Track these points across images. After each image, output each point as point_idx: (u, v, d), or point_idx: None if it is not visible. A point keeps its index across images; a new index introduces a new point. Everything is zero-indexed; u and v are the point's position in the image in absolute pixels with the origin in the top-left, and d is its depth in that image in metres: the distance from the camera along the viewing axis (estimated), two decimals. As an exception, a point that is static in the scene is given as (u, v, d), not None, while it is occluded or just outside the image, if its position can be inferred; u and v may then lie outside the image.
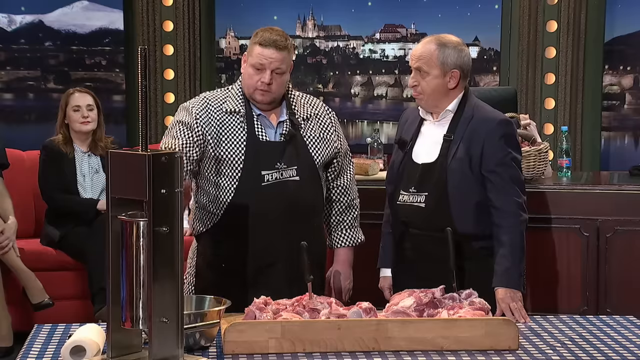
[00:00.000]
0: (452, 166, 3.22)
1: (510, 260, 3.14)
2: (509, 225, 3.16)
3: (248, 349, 2.65)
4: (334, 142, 3.42)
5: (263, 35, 3.29)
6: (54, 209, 5.33)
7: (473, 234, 3.22)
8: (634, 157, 6.68)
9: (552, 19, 6.69)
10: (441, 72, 3.24)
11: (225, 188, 3.28)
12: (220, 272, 3.32)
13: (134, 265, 2.44)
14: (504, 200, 3.18)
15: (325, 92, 7.15)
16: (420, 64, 3.25)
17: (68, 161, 5.31)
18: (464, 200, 3.22)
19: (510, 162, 3.21)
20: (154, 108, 6.91)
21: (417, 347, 2.69)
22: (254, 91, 3.30)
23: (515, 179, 3.21)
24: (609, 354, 2.69)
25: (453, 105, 3.28)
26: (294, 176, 3.30)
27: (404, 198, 3.30)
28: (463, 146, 3.22)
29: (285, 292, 3.02)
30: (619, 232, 4.80)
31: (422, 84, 3.26)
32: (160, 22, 6.90)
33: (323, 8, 7.13)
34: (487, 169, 3.20)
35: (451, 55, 3.24)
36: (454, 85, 3.26)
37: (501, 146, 3.21)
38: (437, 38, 3.28)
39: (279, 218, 3.28)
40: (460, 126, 3.25)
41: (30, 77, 6.97)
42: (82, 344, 2.57)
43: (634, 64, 6.83)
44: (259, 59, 3.27)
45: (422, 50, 3.26)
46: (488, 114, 3.29)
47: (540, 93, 6.74)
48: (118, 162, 2.48)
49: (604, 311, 4.70)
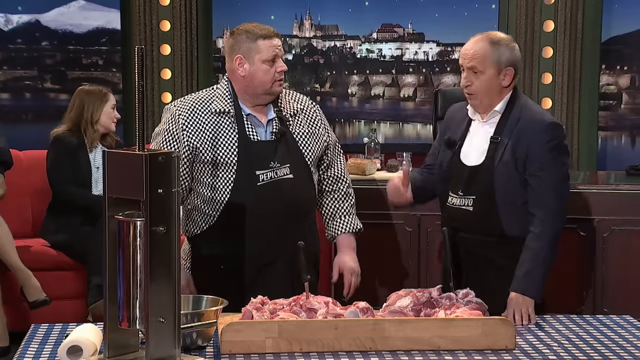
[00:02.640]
0: (499, 169, 3.16)
1: (532, 266, 3.07)
2: (539, 232, 3.09)
3: (245, 349, 2.65)
4: (322, 136, 3.42)
5: (257, 30, 3.27)
6: (63, 201, 5.30)
7: (522, 236, 3.14)
8: (630, 156, 6.69)
9: (549, 19, 6.69)
10: (496, 71, 3.19)
11: (221, 189, 3.28)
12: (217, 272, 3.32)
13: (131, 265, 2.44)
14: (539, 206, 3.10)
15: (322, 92, 7.15)
16: (475, 63, 3.18)
17: (84, 154, 5.33)
18: (511, 202, 3.15)
19: (553, 167, 3.13)
20: (151, 108, 6.91)
21: (414, 346, 2.69)
22: (272, 84, 3.28)
23: (556, 185, 3.13)
24: (606, 354, 2.69)
25: (501, 106, 3.22)
26: (288, 174, 3.30)
27: (453, 201, 3.26)
28: (510, 148, 3.15)
29: (284, 292, 3.02)
30: (616, 232, 4.80)
31: (476, 83, 3.20)
32: (157, 22, 6.90)
33: (320, 8, 7.13)
34: (529, 173, 3.14)
35: (505, 53, 3.20)
36: (508, 83, 3.22)
37: (546, 150, 3.13)
38: (488, 36, 3.21)
39: (276, 217, 3.28)
40: (507, 127, 3.19)
41: (27, 76, 6.97)
42: (79, 343, 2.56)
43: (631, 63, 6.84)
44: (272, 51, 3.25)
45: (475, 48, 3.19)
46: (536, 115, 3.21)
47: (538, 92, 6.74)
48: (115, 161, 2.47)
49: (601, 311, 4.70)
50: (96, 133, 5.36)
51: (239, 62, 3.29)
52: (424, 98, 7.11)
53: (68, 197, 5.29)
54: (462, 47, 3.25)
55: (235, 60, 3.29)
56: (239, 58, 3.29)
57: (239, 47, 3.29)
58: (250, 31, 3.28)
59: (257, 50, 3.26)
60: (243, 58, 3.28)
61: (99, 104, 5.37)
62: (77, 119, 5.36)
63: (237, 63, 3.29)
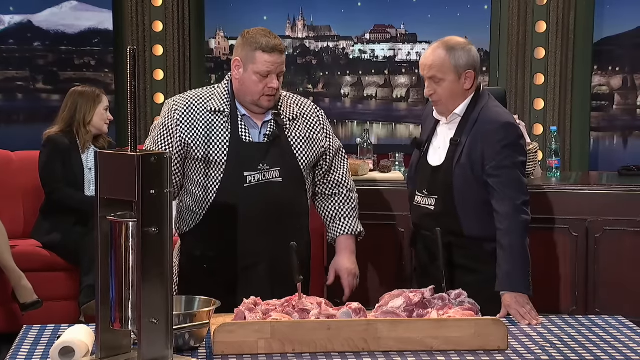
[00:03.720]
0: (457, 170, 3.23)
1: (510, 263, 3.12)
2: (507, 227, 3.14)
3: (237, 350, 2.65)
4: (320, 141, 3.41)
5: (261, 41, 3.25)
6: (56, 201, 5.29)
7: (482, 236, 3.22)
8: (622, 157, 6.70)
9: (541, 20, 6.70)
10: (456, 76, 3.24)
11: (208, 188, 3.28)
12: (202, 272, 3.32)
13: (124, 265, 2.43)
14: (501, 203, 3.16)
15: (315, 93, 7.15)
16: (434, 72, 3.24)
17: (76, 155, 5.32)
18: (469, 204, 3.23)
19: (509, 165, 3.19)
20: (143, 108, 6.90)
21: (406, 347, 2.69)
22: (260, 97, 3.27)
23: (513, 180, 3.18)
24: (598, 354, 2.69)
25: (461, 108, 3.28)
26: (277, 177, 3.29)
27: (417, 199, 3.34)
28: (466, 150, 3.23)
29: (268, 293, 3.02)
30: (608, 232, 4.81)
31: (439, 91, 3.26)
32: (149, 23, 6.88)
33: (313, 8, 7.13)
34: (487, 173, 3.20)
35: (462, 57, 3.24)
36: (470, 85, 3.27)
37: (500, 150, 3.19)
38: (444, 43, 3.26)
39: (261, 219, 3.27)
40: (466, 129, 3.25)
41: (19, 77, 6.95)
42: (71, 344, 2.56)
43: (623, 64, 6.86)
44: (266, 66, 3.24)
45: (432, 58, 3.24)
46: (492, 117, 3.26)
47: (530, 93, 6.75)
48: (107, 162, 2.47)
49: (593, 311, 4.71)
50: (88, 134, 5.35)
51: (236, 64, 3.30)
52: (417, 99, 7.12)
53: (61, 197, 5.28)
54: (421, 58, 3.31)
55: (234, 61, 3.31)
56: (236, 60, 3.30)
57: (241, 49, 3.29)
58: (255, 39, 3.26)
59: (253, 60, 3.26)
60: (240, 62, 3.29)
61: (92, 105, 5.37)
62: (69, 120, 5.35)
63: (235, 65, 3.30)
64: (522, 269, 3.13)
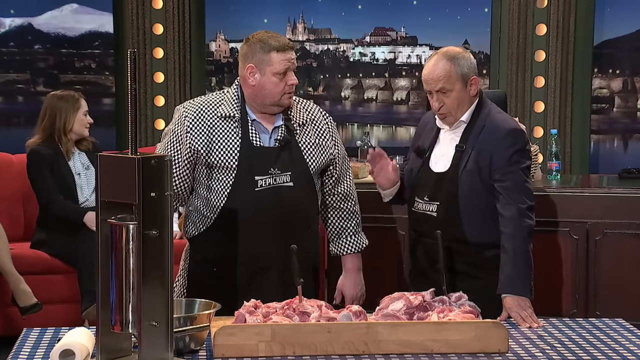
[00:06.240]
0: (463, 177, 3.24)
1: (512, 267, 3.13)
2: (511, 231, 3.16)
3: (238, 353, 2.64)
4: (329, 148, 3.41)
5: (272, 42, 3.26)
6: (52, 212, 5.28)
7: (483, 243, 3.23)
8: (623, 160, 6.70)
9: (541, 23, 6.70)
10: (463, 84, 3.25)
11: (219, 192, 3.28)
12: (212, 275, 3.32)
13: (124, 268, 2.43)
14: (507, 207, 3.18)
15: (315, 95, 7.15)
16: (442, 84, 3.24)
17: (63, 163, 5.31)
18: (474, 211, 3.23)
19: (516, 170, 3.20)
20: (143, 111, 6.90)
21: (407, 350, 2.69)
22: (281, 97, 3.28)
23: (520, 185, 3.20)
24: (599, 357, 2.69)
25: (467, 116, 3.29)
26: (288, 182, 3.30)
27: (418, 205, 3.33)
28: (473, 157, 3.23)
29: (279, 297, 3.01)
30: (609, 235, 4.82)
31: (448, 102, 3.26)
32: (150, 25, 6.89)
33: (313, 11, 7.13)
34: (494, 179, 3.21)
35: (465, 64, 3.26)
36: (476, 91, 3.29)
37: (508, 156, 3.21)
38: (443, 54, 3.27)
39: (272, 223, 3.27)
40: (472, 136, 3.26)
41: (19, 80, 6.95)
42: (71, 347, 2.56)
43: (623, 67, 6.85)
44: (283, 64, 3.25)
45: (437, 71, 3.24)
46: (499, 123, 3.28)
47: (530, 96, 6.75)
48: (107, 165, 2.47)
49: (594, 314, 4.71)
50: (70, 142, 5.34)
51: (250, 71, 3.28)
52: (417, 101, 7.11)
53: (58, 208, 5.26)
54: (423, 74, 3.30)
55: (247, 69, 3.29)
56: (250, 67, 3.28)
57: (252, 56, 3.28)
58: (265, 42, 3.27)
59: (269, 63, 3.26)
60: (255, 68, 3.28)
61: (72, 111, 5.34)
62: (50, 128, 5.33)
63: (249, 72, 3.29)
64: (525, 273, 3.14)
